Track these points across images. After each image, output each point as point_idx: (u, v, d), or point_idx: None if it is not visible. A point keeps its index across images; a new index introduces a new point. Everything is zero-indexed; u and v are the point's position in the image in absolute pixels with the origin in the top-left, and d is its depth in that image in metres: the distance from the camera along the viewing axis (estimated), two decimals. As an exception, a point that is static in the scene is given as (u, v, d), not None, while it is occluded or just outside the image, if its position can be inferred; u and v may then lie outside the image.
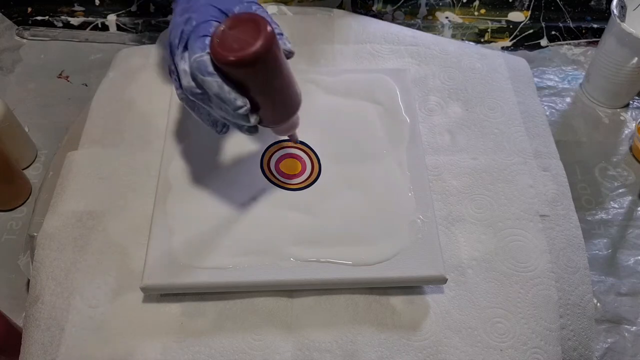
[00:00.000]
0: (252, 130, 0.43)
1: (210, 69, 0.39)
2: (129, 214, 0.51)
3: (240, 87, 0.39)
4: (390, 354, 0.45)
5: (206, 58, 0.39)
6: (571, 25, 0.82)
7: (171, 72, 0.43)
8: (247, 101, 0.40)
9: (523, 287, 0.49)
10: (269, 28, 0.37)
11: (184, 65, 0.40)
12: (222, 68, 0.39)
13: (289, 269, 0.46)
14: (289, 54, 0.42)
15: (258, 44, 0.37)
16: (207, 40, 0.39)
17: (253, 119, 0.41)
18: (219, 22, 0.41)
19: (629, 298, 0.56)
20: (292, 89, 0.43)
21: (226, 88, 0.39)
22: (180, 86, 0.42)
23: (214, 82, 0.39)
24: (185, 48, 0.41)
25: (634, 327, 0.55)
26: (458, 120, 0.60)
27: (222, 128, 0.44)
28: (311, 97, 0.57)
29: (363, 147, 0.54)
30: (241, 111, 0.39)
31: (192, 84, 0.40)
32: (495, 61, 0.66)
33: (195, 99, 0.41)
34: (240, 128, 0.43)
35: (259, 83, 0.40)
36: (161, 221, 0.48)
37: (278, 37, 0.40)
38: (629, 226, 0.62)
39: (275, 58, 0.39)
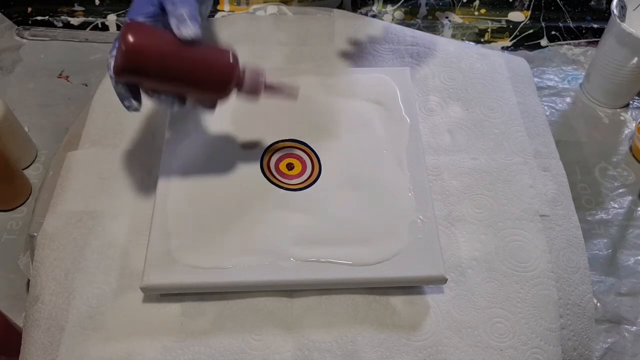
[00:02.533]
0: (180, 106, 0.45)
1: (110, 72, 0.42)
2: (129, 214, 0.52)
3: (149, 84, 0.42)
4: (390, 354, 0.45)
5: (111, 61, 0.42)
6: (571, 25, 0.82)
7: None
8: (134, 102, 0.43)
9: (523, 287, 0.49)
10: (130, 39, 0.39)
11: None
12: None
13: (289, 269, 0.46)
14: (193, 39, 0.41)
15: (119, 60, 0.39)
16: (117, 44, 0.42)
17: (176, 107, 0.44)
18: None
19: (629, 298, 0.56)
20: (200, 68, 0.42)
21: (117, 90, 0.43)
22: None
23: (112, 82, 0.43)
24: None
25: (634, 327, 0.55)
26: (458, 120, 0.60)
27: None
28: (311, 97, 0.57)
29: (363, 147, 0.54)
30: (130, 110, 0.44)
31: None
32: (495, 61, 0.66)
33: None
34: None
35: (155, 81, 0.42)
36: (161, 221, 0.48)
37: (172, 27, 0.40)
38: (629, 226, 0.62)
39: (149, 60, 0.40)
